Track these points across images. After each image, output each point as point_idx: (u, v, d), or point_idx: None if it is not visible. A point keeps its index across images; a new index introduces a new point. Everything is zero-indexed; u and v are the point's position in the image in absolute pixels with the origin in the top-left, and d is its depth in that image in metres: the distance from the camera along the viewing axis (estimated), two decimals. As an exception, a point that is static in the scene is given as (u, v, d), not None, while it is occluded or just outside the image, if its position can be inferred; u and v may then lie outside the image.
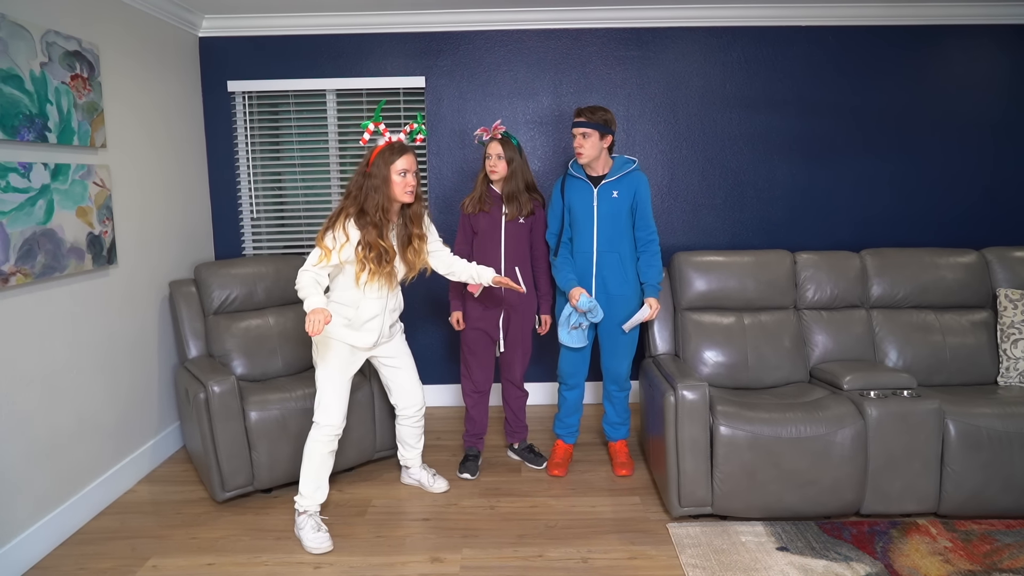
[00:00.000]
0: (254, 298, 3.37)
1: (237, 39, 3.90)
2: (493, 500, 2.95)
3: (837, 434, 2.58)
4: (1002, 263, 3.28)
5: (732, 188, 3.99)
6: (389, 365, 2.85)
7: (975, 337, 3.15)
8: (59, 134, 2.64)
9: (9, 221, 2.38)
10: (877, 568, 2.35)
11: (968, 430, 2.61)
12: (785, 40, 3.87)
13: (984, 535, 2.56)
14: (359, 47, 3.92)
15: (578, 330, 3.01)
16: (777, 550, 2.48)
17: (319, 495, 2.65)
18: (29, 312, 2.51)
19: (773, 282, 3.23)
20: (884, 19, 3.81)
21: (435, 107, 3.97)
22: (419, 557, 2.51)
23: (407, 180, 2.56)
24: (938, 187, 3.96)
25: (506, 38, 3.92)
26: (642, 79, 3.93)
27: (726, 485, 2.62)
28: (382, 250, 2.54)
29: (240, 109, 4.01)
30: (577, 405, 3.22)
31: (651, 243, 3.00)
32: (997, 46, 3.86)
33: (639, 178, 2.98)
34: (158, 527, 2.74)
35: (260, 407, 2.90)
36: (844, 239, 3.96)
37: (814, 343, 3.19)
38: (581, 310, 2.94)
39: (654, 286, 2.98)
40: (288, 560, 2.50)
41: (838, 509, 2.65)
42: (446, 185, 4.03)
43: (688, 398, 2.63)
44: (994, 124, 3.91)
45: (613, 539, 2.61)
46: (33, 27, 2.51)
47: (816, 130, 3.93)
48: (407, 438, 2.99)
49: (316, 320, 2.28)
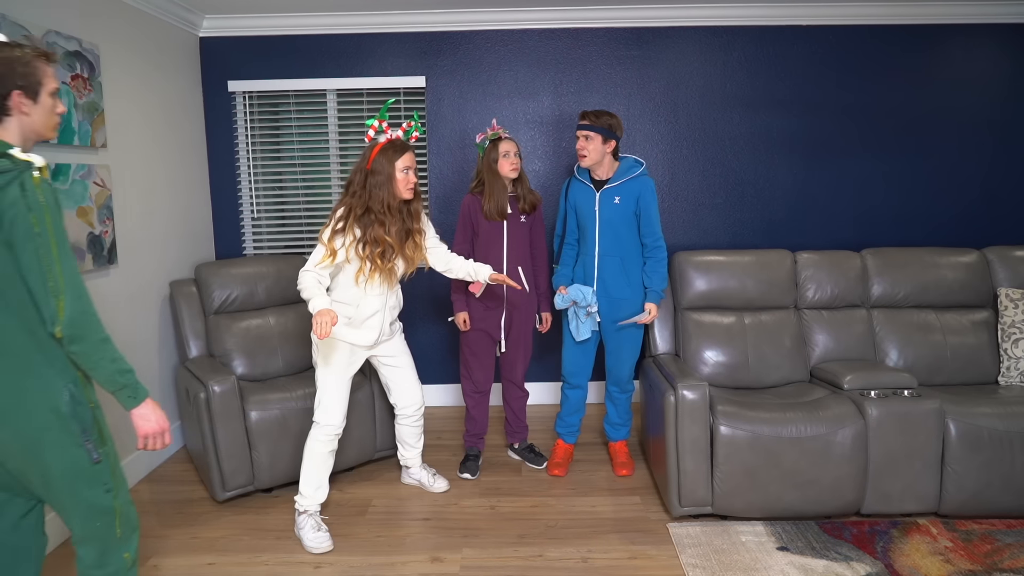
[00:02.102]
0: (254, 298, 3.37)
1: (237, 39, 3.90)
2: (493, 500, 2.95)
3: (837, 434, 2.58)
4: (1003, 262, 3.27)
5: (732, 188, 3.99)
6: (389, 364, 2.85)
7: (976, 337, 3.14)
8: (59, 134, 2.65)
9: (9, 221, 2.38)
10: (877, 568, 2.35)
11: (969, 430, 2.61)
12: (785, 40, 3.87)
13: (985, 535, 2.56)
14: (359, 47, 3.92)
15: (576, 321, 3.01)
16: (777, 550, 2.48)
17: (319, 495, 2.65)
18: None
19: (773, 282, 3.23)
20: (884, 19, 3.81)
21: (435, 107, 3.97)
22: (419, 557, 2.51)
23: (408, 177, 2.59)
24: (938, 186, 3.96)
25: (506, 38, 3.92)
26: (642, 79, 3.93)
27: (726, 485, 2.61)
28: (387, 246, 2.56)
29: (240, 109, 4.01)
30: (579, 405, 3.22)
31: (657, 250, 2.98)
32: (997, 45, 3.85)
33: (644, 184, 2.96)
34: (158, 526, 2.74)
35: (260, 407, 2.90)
36: (844, 238, 3.96)
37: (814, 343, 3.18)
38: (571, 303, 2.97)
39: (656, 292, 2.98)
40: (288, 560, 2.50)
41: (838, 509, 2.65)
42: (446, 185, 4.03)
43: (688, 398, 2.63)
44: (994, 123, 3.90)
45: (613, 539, 2.61)
46: (33, 27, 2.51)
47: (816, 130, 3.93)
48: (407, 438, 3.00)
49: (323, 322, 2.29)
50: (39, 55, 1.56)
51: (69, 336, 1.50)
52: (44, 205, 1.47)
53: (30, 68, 1.53)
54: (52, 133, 1.63)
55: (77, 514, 1.60)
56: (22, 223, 1.45)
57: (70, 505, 1.59)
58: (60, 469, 1.55)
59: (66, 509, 1.60)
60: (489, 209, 3.02)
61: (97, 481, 1.60)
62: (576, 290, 2.96)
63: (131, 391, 1.62)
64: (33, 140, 1.59)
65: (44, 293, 1.48)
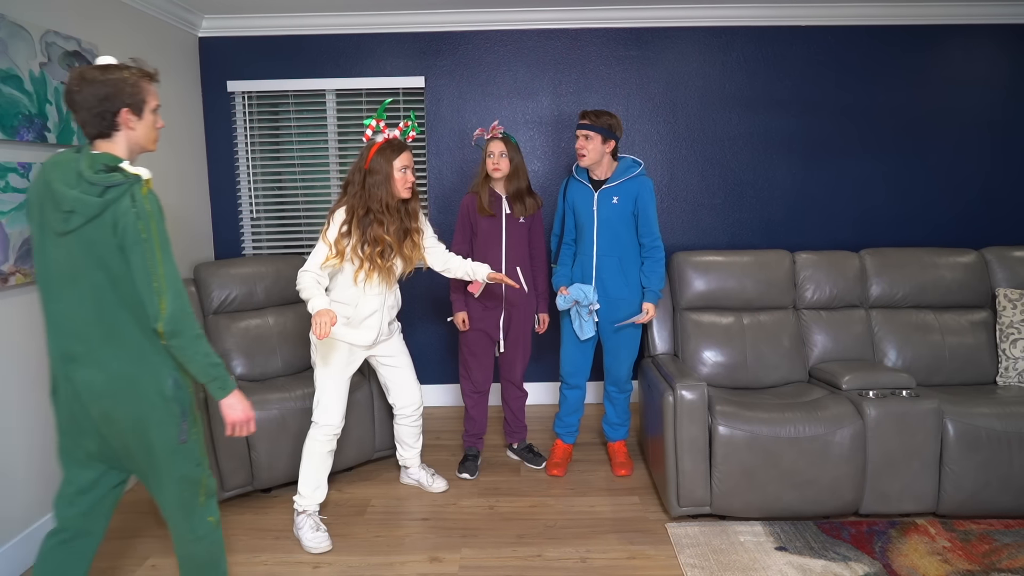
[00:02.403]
0: (254, 298, 3.37)
1: (237, 39, 3.90)
2: (492, 500, 2.95)
3: (836, 434, 2.59)
4: (1001, 263, 3.28)
5: (731, 188, 3.99)
6: (387, 364, 2.85)
7: (974, 337, 3.15)
8: (58, 134, 2.65)
9: (9, 221, 2.39)
10: (876, 568, 2.35)
11: (967, 430, 2.61)
12: (784, 40, 3.87)
13: (983, 535, 2.56)
14: (359, 47, 3.92)
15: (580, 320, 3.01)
16: (776, 550, 2.48)
17: (318, 495, 2.65)
18: (29, 312, 2.52)
19: (772, 282, 3.24)
20: (883, 19, 3.81)
21: (435, 107, 3.97)
22: (418, 557, 2.51)
23: (406, 176, 2.60)
24: (937, 187, 3.96)
25: (506, 38, 3.92)
26: (642, 79, 3.93)
27: (725, 485, 2.62)
28: (386, 245, 2.56)
29: (240, 109, 4.01)
30: (578, 405, 3.23)
31: (654, 250, 2.98)
32: (996, 45, 3.85)
33: (642, 184, 2.96)
34: (158, 526, 2.74)
35: (259, 407, 2.90)
36: (843, 239, 3.96)
37: (813, 343, 3.19)
38: (573, 303, 2.97)
39: (654, 292, 2.98)
40: (287, 560, 2.51)
41: (837, 509, 2.65)
42: (446, 185, 4.03)
43: (687, 398, 2.63)
44: (993, 123, 3.91)
45: (612, 539, 2.61)
46: (33, 27, 2.51)
47: (815, 130, 3.93)
48: (405, 438, 3.00)
49: (323, 323, 2.29)
50: (143, 75, 1.74)
51: (169, 331, 1.69)
52: (150, 213, 1.65)
53: (136, 88, 1.71)
54: (153, 146, 1.82)
55: (171, 484, 1.82)
56: (132, 230, 1.64)
57: (166, 476, 1.81)
58: (162, 445, 1.77)
59: (161, 481, 1.82)
60: (478, 205, 3.06)
61: (190, 456, 1.83)
62: (577, 289, 2.96)
63: (221, 383, 1.82)
64: (137, 152, 1.78)
65: (149, 292, 1.67)
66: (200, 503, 1.88)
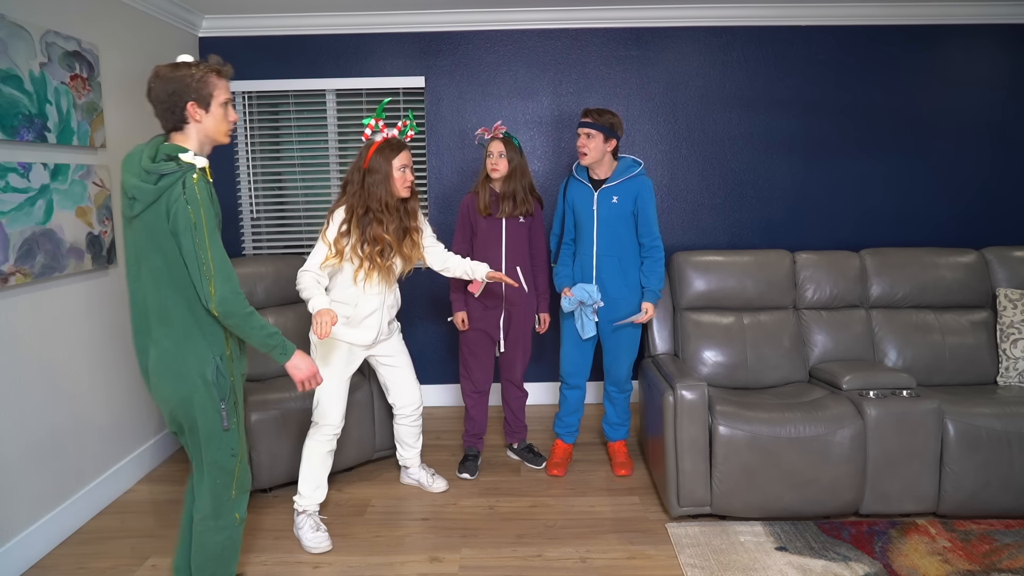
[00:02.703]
0: (254, 298, 3.37)
1: (237, 39, 3.90)
2: (492, 500, 2.95)
3: (836, 434, 2.58)
4: (1002, 263, 3.28)
5: (732, 188, 3.99)
6: (387, 364, 2.85)
7: (974, 337, 3.14)
8: (58, 134, 2.65)
9: (9, 221, 2.39)
10: (876, 568, 2.35)
11: (967, 430, 2.61)
12: (784, 40, 3.87)
13: (983, 535, 2.56)
14: (359, 47, 3.92)
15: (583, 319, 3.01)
16: (776, 550, 2.48)
17: (318, 495, 2.65)
18: (29, 312, 2.52)
19: (772, 282, 3.23)
20: (883, 19, 3.81)
21: (435, 107, 3.97)
22: (418, 557, 2.51)
23: (405, 175, 2.60)
24: (937, 187, 3.96)
25: (506, 38, 3.92)
26: (642, 79, 3.93)
27: (725, 485, 2.62)
28: (386, 244, 2.57)
29: (240, 109, 4.01)
30: (578, 405, 3.22)
31: (654, 250, 2.99)
32: (996, 45, 3.85)
33: (642, 183, 2.97)
34: (158, 526, 2.75)
35: (259, 407, 2.90)
36: (843, 239, 3.96)
37: (813, 343, 3.19)
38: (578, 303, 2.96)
39: (653, 292, 2.98)
40: (287, 559, 2.50)
41: (837, 509, 2.65)
42: (446, 185, 4.03)
43: (687, 398, 2.63)
44: (993, 123, 3.91)
45: (612, 539, 2.61)
46: (33, 27, 2.51)
47: (815, 130, 3.93)
48: (405, 437, 3.00)
49: (323, 322, 2.29)
50: (212, 70, 1.82)
51: (222, 313, 1.81)
52: (200, 200, 1.73)
53: (202, 83, 1.79)
54: (226, 138, 1.90)
55: (206, 469, 1.90)
56: (183, 216, 1.73)
57: (205, 458, 1.90)
58: (203, 427, 1.87)
59: (201, 462, 1.92)
60: (477, 205, 3.07)
61: (227, 445, 1.90)
62: (581, 290, 2.95)
63: (281, 349, 1.94)
64: (209, 144, 1.87)
65: (199, 276, 1.77)
66: (232, 496, 1.94)
